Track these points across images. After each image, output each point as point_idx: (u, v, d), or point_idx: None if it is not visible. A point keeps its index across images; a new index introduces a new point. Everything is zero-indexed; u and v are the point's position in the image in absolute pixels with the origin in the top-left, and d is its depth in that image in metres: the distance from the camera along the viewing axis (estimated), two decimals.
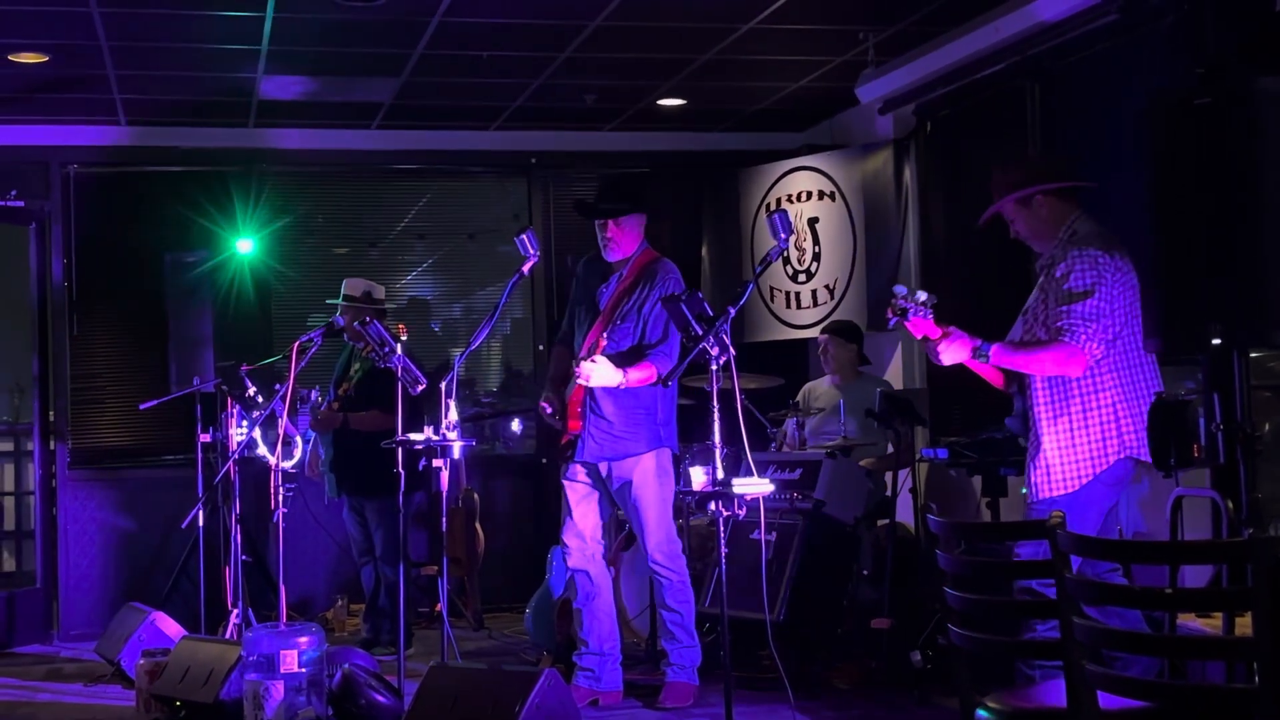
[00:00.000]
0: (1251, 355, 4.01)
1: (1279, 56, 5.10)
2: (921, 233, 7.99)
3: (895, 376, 8.05)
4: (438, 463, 5.57)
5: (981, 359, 4.75)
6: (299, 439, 6.86)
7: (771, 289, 8.65)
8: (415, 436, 5.60)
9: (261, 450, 6.57)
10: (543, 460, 8.78)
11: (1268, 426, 5.27)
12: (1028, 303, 4.94)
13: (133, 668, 6.34)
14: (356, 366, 7.47)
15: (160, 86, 7.76)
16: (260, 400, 6.66)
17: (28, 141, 8.48)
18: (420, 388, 5.89)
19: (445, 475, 5.62)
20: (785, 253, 7.97)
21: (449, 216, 9.24)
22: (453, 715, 5.13)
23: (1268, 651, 2.71)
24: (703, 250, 9.22)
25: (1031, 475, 4.76)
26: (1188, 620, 4.63)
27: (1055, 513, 3.19)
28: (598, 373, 5.75)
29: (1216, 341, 3.76)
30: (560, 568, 6.79)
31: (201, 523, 7.78)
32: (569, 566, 6.16)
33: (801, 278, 8.53)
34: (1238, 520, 3.80)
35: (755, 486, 4.85)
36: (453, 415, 5.54)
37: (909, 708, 5.82)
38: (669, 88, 8.06)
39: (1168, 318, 3.89)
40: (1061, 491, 4.67)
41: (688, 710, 5.96)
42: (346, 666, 5.59)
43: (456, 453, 5.58)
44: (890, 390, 7.17)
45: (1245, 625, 2.80)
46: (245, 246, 8.44)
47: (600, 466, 5.97)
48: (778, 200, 8.66)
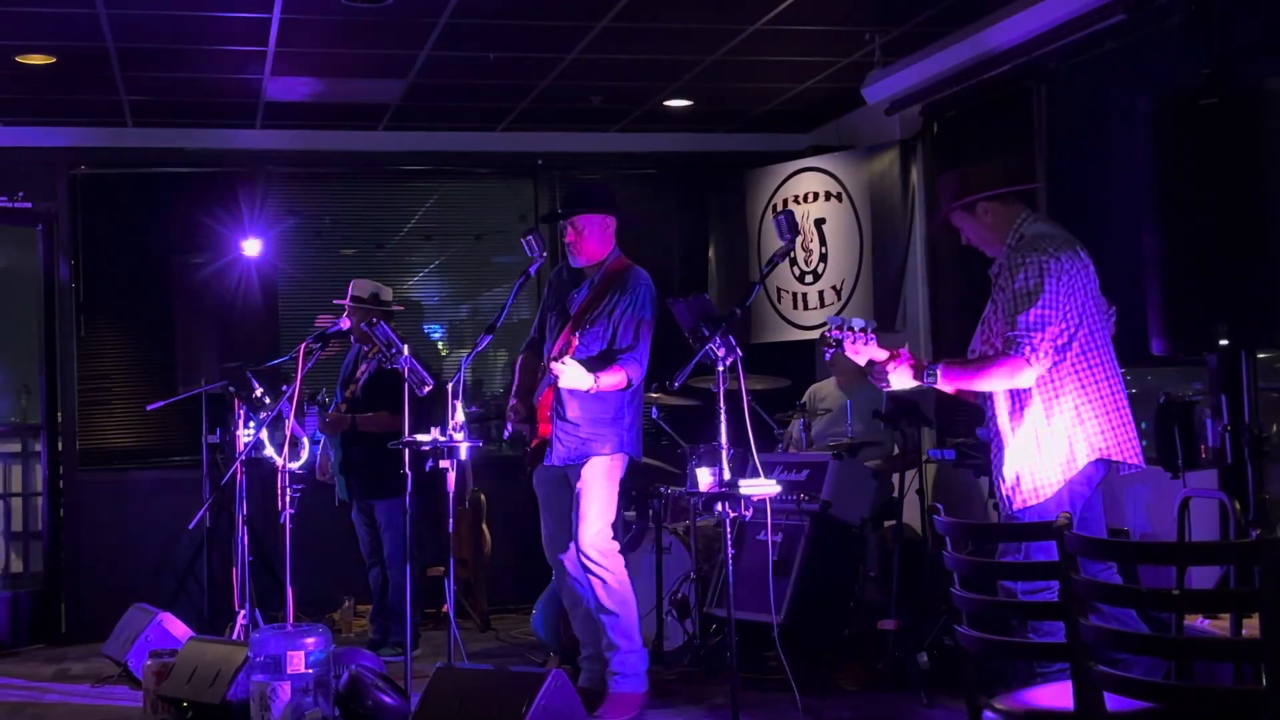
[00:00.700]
0: (1260, 356, 4.01)
1: None
2: (927, 233, 7.98)
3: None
4: (445, 464, 5.57)
5: (930, 379, 4.66)
6: (306, 440, 6.87)
7: (778, 290, 8.64)
8: (422, 438, 5.60)
9: (269, 451, 6.57)
10: None
11: (1275, 427, 5.27)
12: (984, 313, 4.86)
13: (140, 668, 6.34)
14: (363, 367, 7.47)
15: (167, 88, 7.77)
16: (267, 401, 6.67)
17: (34, 143, 8.49)
18: (427, 389, 5.89)
19: (452, 476, 5.62)
20: (792, 253, 7.99)
21: (456, 218, 9.24)
22: (459, 716, 5.13)
23: (1275, 653, 2.71)
24: (709, 251, 9.22)
25: (1000, 487, 4.70)
26: (1195, 621, 4.63)
27: (1063, 514, 3.19)
28: (569, 374, 5.65)
29: (1224, 342, 3.76)
30: None
31: (208, 524, 7.81)
32: (555, 572, 6.09)
33: (808, 278, 8.53)
34: (1245, 521, 3.79)
35: (761, 487, 4.85)
36: (459, 416, 5.54)
37: (916, 709, 5.82)
38: (675, 89, 8.06)
39: (1175, 318, 3.88)
40: (1035, 501, 4.60)
41: (692, 712, 5.95)
42: (353, 667, 5.59)
43: (463, 454, 5.58)
44: (897, 391, 7.16)
45: (1253, 626, 2.79)
46: (252, 248, 8.45)
47: (569, 471, 5.90)
48: (784, 201, 8.66)
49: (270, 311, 8.70)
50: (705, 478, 4.96)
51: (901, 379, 4.69)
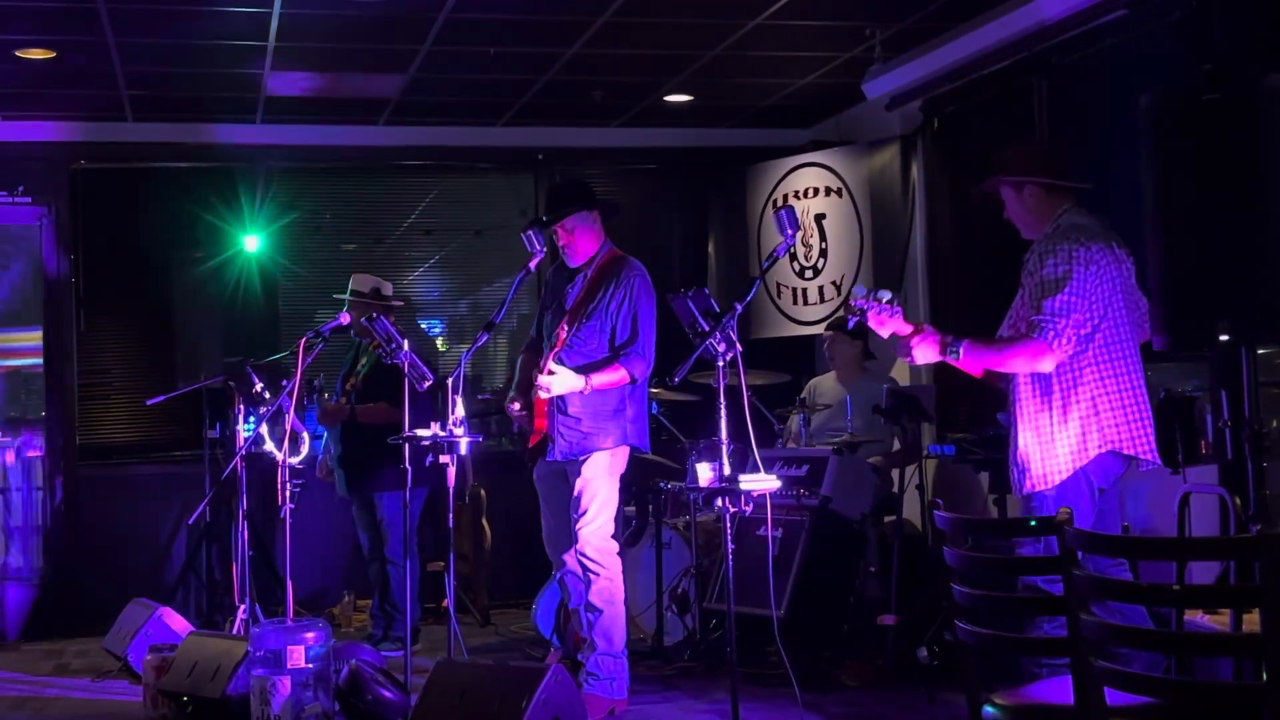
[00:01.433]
0: (1260, 352, 4.01)
1: None
2: (928, 229, 7.98)
3: (902, 372, 8.04)
4: (445, 459, 5.57)
5: (953, 354, 4.71)
6: (306, 435, 6.87)
7: (778, 285, 8.64)
8: (422, 433, 5.60)
9: (269, 446, 6.57)
10: None
11: (1275, 423, 5.26)
12: (1014, 301, 4.91)
13: (140, 663, 6.35)
14: (364, 361, 7.47)
15: (167, 83, 7.77)
16: (268, 396, 6.67)
17: (35, 138, 8.48)
18: (427, 384, 5.89)
19: (452, 471, 5.62)
20: (792, 249, 7.99)
21: (456, 213, 9.24)
22: (459, 711, 5.13)
23: (1276, 648, 2.71)
24: (710, 246, 9.22)
25: (1012, 472, 4.74)
26: (1195, 616, 4.63)
27: (1063, 509, 3.19)
28: (557, 383, 5.68)
29: (1224, 338, 3.76)
30: None
31: (208, 519, 7.81)
32: (556, 569, 6.07)
33: (808, 274, 8.53)
34: (1245, 517, 3.79)
35: (762, 483, 4.85)
36: (459, 411, 5.54)
37: (916, 704, 5.82)
38: (676, 84, 8.06)
39: (1176, 314, 3.88)
40: (1042, 487, 4.64)
41: (692, 707, 5.95)
42: (353, 662, 5.60)
43: (463, 449, 5.58)
44: (897, 386, 7.17)
45: (1253, 622, 2.80)
46: (252, 243, 8.45)
47: (569, 466, 5.88)
48: (784, 196, 8.66)
49: (270, 306, 8.71)
50: (705, 473, 4.96)
51: (925, 353, 4.74)
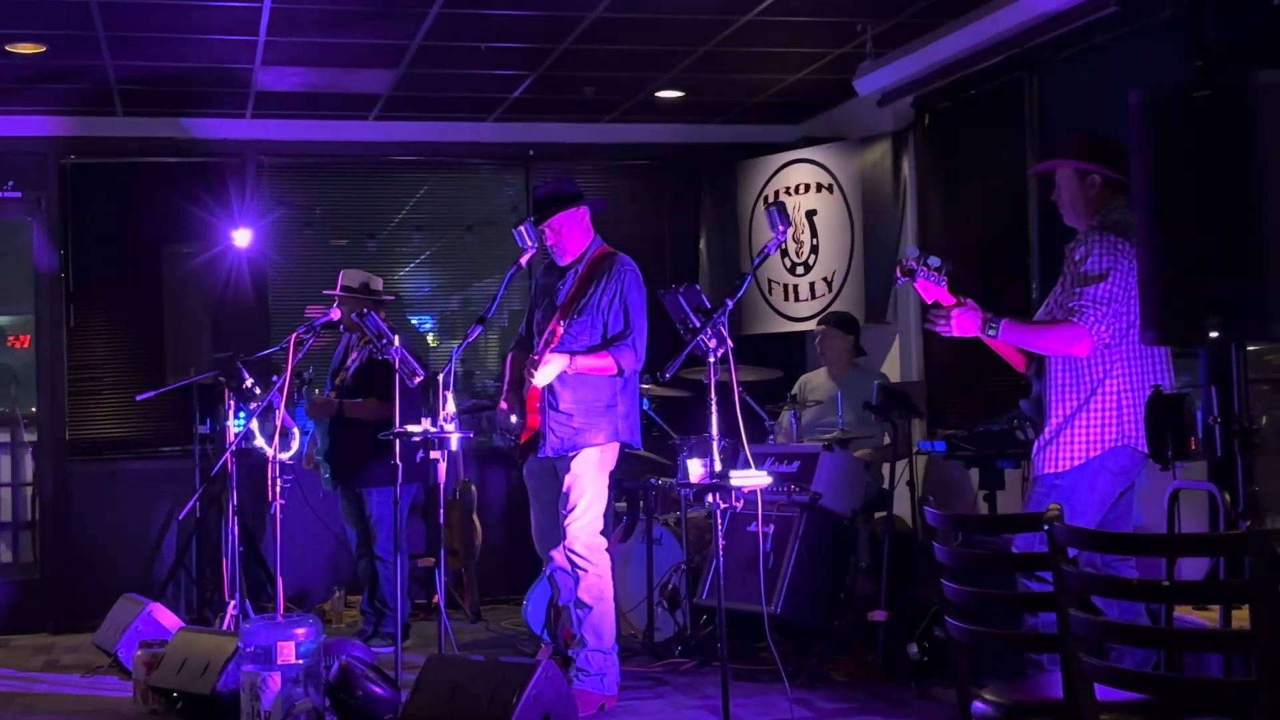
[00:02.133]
0: (1250, 348, 4.01)
1: (1278, 49, 5.10)
2: (919, 225, 7.98)
3: (893, 369, 8.05)
4: (435, 454, 5.57)
5: (991, 332, 4.76)
6: (296, 430, 6.86)
7: (769, 281, 8.64)
8: (413, 428, 5.59)
9: (259, 442, 6.56)
10: None
11: (1265, 419, 5.27)
12: (1053, 290, 4.96)
13: (130, 659, 6.34)
14: (353, 357, 7.46)
15: (157, 77, 7.75)
16: (258, 392, 6.66)
17: (25, 132, 8.46)
18: (418, 379, 5.88)
19: (443, 467, 5.61)
20: (783, 245, 7.99)
21: (447, 208, 9.23)
22: (450, 707, 5.13)
23: (1265, 644, 2.71)
24: (701, 242, 9.21)
25: (1035, 453, 4.81)
26: (1184, 614, 4.64)
27: (1053, 505, 3.19)
28: (544, 371, 5.68)
29: (1215, 334, 3.76)
30: None
31: (199, 514, 7.80)
32: (546, 566, 6.06)
33: (799, 270, 8.53)
34: (1235, 513, 3.80)
35: (752, 479, 4.86)
36: (450, 407, 5.53)
37: (907, 700, 5.83)
38: (667, 80, 8.05)
39: (1166, 310, 3.88)
40: (1054, 469, 4.72)
41: (682, 703, 5.95)
42: (344, 658, 5.59)
43: (454, 444, 5.57)
44: (888, 383, 7.17)
45: (1243, 618, 2.80)
46: (243, 238, 8.43)
47: (559, 462, 5.87)
48: (776, 192, 8.66)
49: (260, 302, 8.69)
50: (696, 469, 4.96)
51: (965, 325, 4.78)
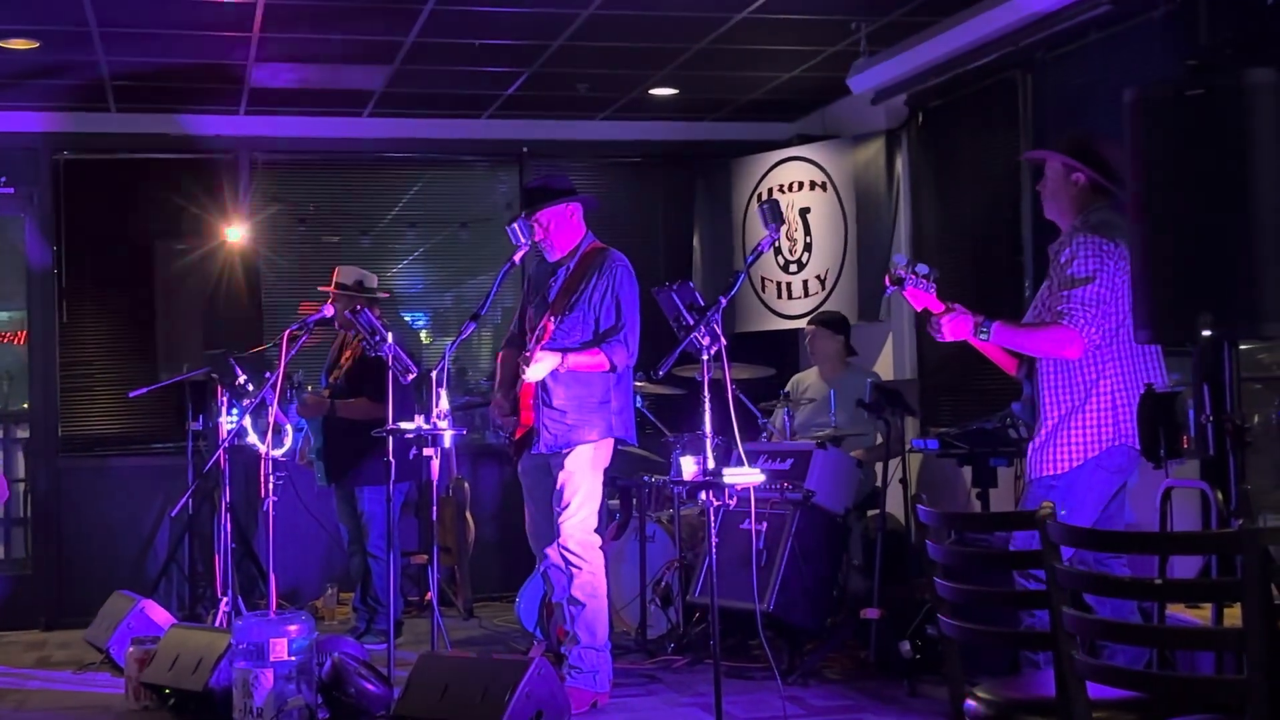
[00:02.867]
0: (1241, 347, 4.02)
1: (1271, 48, 5.11)
2: (913, 223, 7.99)
3: (885, 368, 8.05)
4: (428, 452, 5.56)
5: (983, 336, 4.78)
6: (289, 427, 6.85)
7: (763, 279, 8.65)
8: (406, 425, 5.59)
9: (252, 438, 6.56)
10: None
11: (1257, 418, 5.29)
12: (1039, 291, 4.97)
13: (122, 655, 6.33)
14: (347, 354, 7.45)
15: (151, 73, 7.74)
16: (250, 388, 6.65)
17: (18, 128, 8.44)
18: (411, 376, 5.88)
19: (436, 464, 5.61)
20: (776, 243, 7.99)
21: (441, 205, 9.22)
22: (442, 704, 5.13)
23: (1257, 642, 2.72)
24: (694, 240, 9.21)
25: (1029, 455, 4.82)
26: (1176, 612, 4.64)
27: (1045, 503, 3.20)
28: (535, 368, 5.67)
29: (1207, 333, 3.77)
30: None
31: (191, 511, 7.80)
32: (539, 562, 6.06)
33: (793, 268, 8.53)
34: (1227, 511, 3.81)
35: (746, 476, 4.86)
36: (443, 404, 5.53)
37: (899, 698, 5.83)
38: (661, 77, 8.05)
39: (1158, 308, 3.89)
40: (1053, 471, 4.73)
41: (675, 700, 5.95)
42: (336, 655, 5.59)
43: (447, 442, 5.57)
44: (881, 381, 7.18)
45: (1234, 616, 2.80)
46: (236, 234, 8.42)
47: (553, 458, 5.86)
48: (769, 190, 8.66)
49: (254, 298, 8.67)
50: (689, 466, 4.96)
51: (956, 331, 4.80)
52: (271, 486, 6.16)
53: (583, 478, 5.80)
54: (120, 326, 8.64)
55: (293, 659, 5.44)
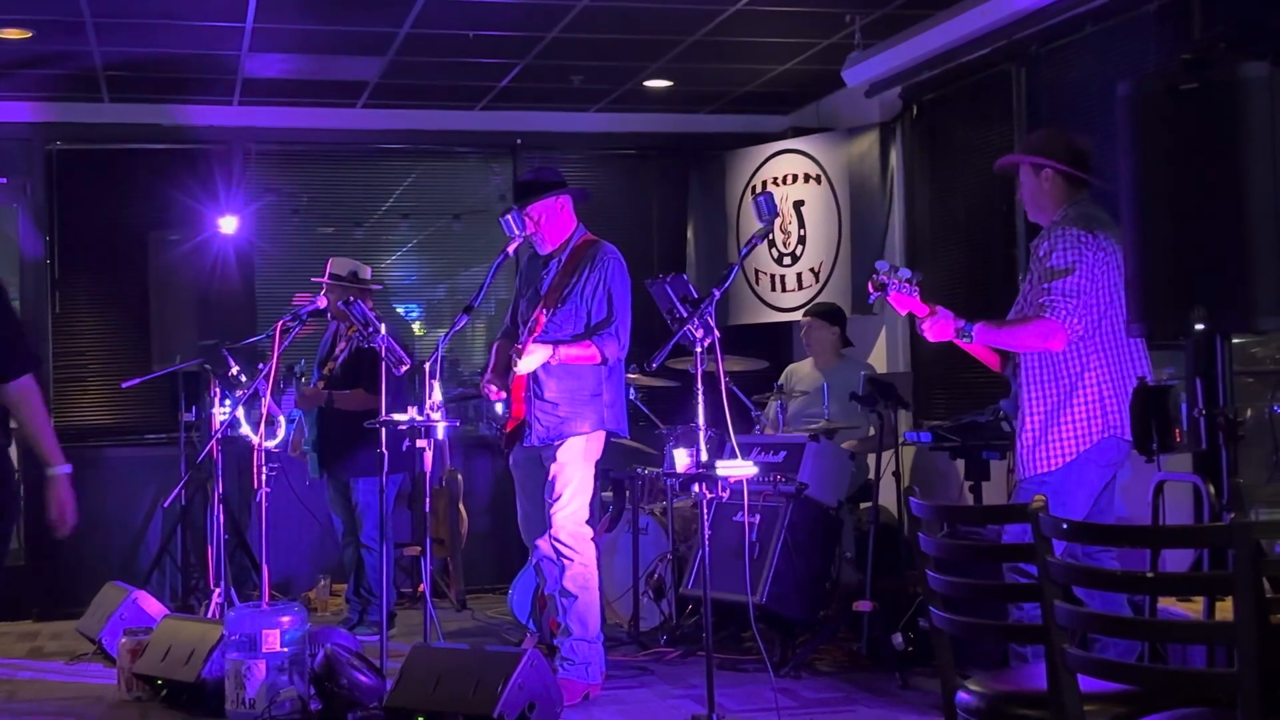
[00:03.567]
0: (1234, 340, 4.02)
1: (1265, 42, 5.11)
2: (907, 216, 8.00)
3: (879, 360, 8.06)
4: (421, 443, 5.56)
5: (965, 338, 4.78)
6: (282, 418, 6.85)
7: (757, 271, 8.65)
8: (399, 417, 5.58)
9: (244, 430, 6.55)
10: None
11: (1250, 412, 5.29)
12: (1022, 287, 4.98)
13: (114, 646, 6.33)
14: (341, 346, 7.44)
15: (144, 63, 7.72)
16: (243, 379, 6.64)
17: (11, 118, 8.43)
18: (404, 368, 5.87)
19: (429, 456, 5.61)
20: (770, 235, 8.00)
21: (434, 197, 9.21)
22: (435, 695, 5.13)
23: (1248, 636, 2.72)
24: (688, 232, 9.21)
25: (1019, 453, 4.81)
26: (1168, 605, 4.65)
27: (1038, 497, 3.20)
28: (526, 360, 5.66)
29: (1200, 326, 3.77)
30: None
31: (184, 502, 7.79)
32: (532, 555, 6.04)
33: (787, 260, 8.53)
34: (1219, 505, 3.81)
35: (738, 469, 4.86)
36: (437, 396, 5.53)
37: (891, 690, 5.84)
38: (656, 69, 8.04)
39: (1151, 302, 3.89)
40: (1045, 469, 4.73)
41: (667, 692, 5.96)
42: (329, 646, 5.58)
43: (440, 433, 5.56)
44: (874, 374, 7.18)
45: (1226, 610, 2.81)
46: (229, 225, 8.41)
47: (545, 451, 5.83)
48: (764, 183, 8.66)
49: (247, 289, 8.66)
50: (682, 459, 4.96)
51: (939, 333, 4.80)
52: (264, 478, 6.15)
53: (574, 470, 5.79)
54: (113, 317, 8.63)
55: (285, 650, 5.44)
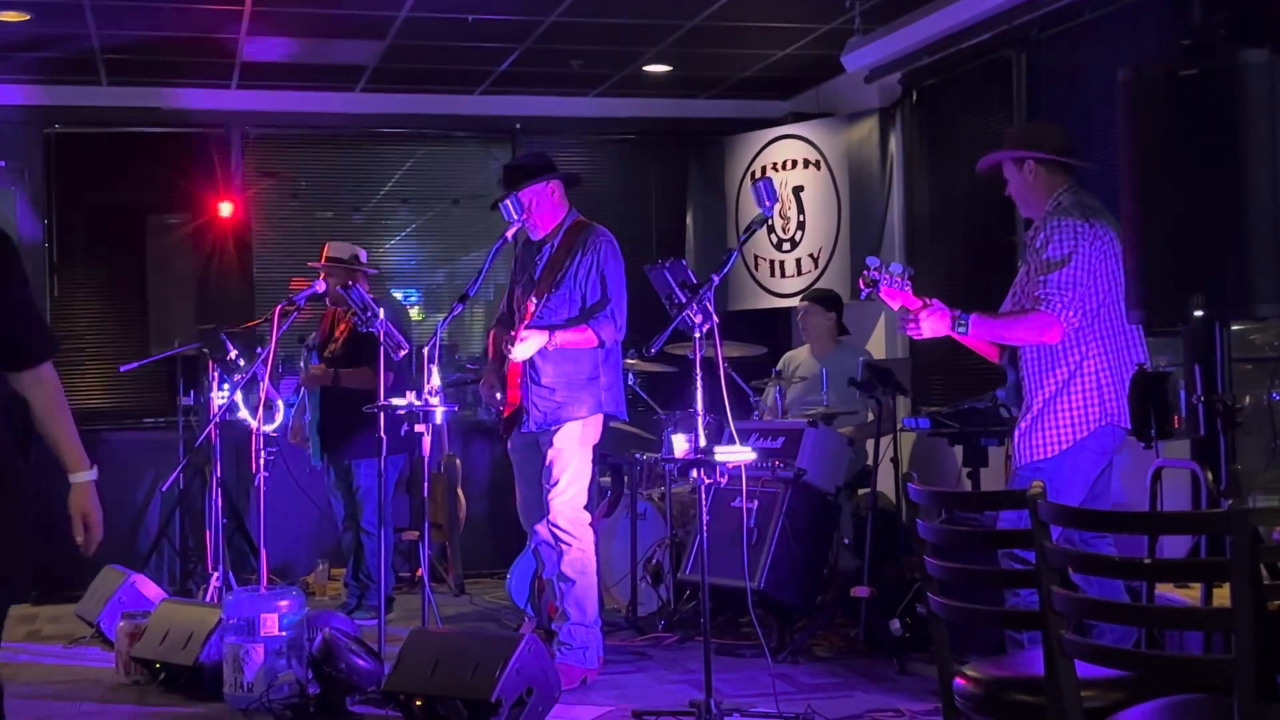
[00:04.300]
0: (1233, 327, 4.02)
1: (1265, 28, 5.10)
2: (906, 202, 7.99)
3: (878, 346, 8.06)
4: (420, 428, 5.56)
5: (961, 329, 4.77)
6: (280, 402, 6.84)
7: (756, 257, 8.64)
8: (398, 401, 5.58)
9: (243, 413, 6.54)
10: None
11: (1248, 399, 5.29)
12: (1017, 277, 4.96)
13: (113, 630, 6.33)
14: (342, 328, 7.42)
15: (143, 47, 7.71)
16: (242, 363, 6.64)
17: (9, 101, 8.42)
18: (402, 353, 5.87)
19: (427, 440, 5.61)
20: (770, 221, 7.98)
21: (433, 181, 9.20)
22: (433, 679, 5.13)
23: (1245, 622, 2.72)
24: (687, 217, 9.20)
25: (1015, 439, 4.81)
26: (1165, 591, 4.66)
27: (1036, 482, 3.20)
28: (522, 347, 5.65)
29: (1199, 313, 3.77)
30: None
31: (182, 486, 7.79)
32: (530, 539, 6.04)
33: (786, 246, 8.52)
34: (1217, 491, 3.81)
35: (737, 454, 4.86)
36: (435, 381, 5.53)
37: (888, 675, 5.85)
38: (655, 54, 8.03)
39: (1150, 289, 3.89)
40: (1042, 456, 4.72)
41: (665, 677, 5.97)
42: (327, 630, 5.59)
43: (439, 418, 5.56)
44: (873, 360, 7.18)
45: (1223, 596, 2.81)
46: (228, 209, 8.40)
47: (542, 436, 5.83)
48: (763, 168, 8.65)
49: (245, 273, 8.63)
50: (681, 444, 4.96)
51: (934, 327, 4.77)
52: (263, 462, 6.15)
53: (572, 454, 5.79)
54: (111, 301, 8.63)
55: (283, 634, 5.44)
